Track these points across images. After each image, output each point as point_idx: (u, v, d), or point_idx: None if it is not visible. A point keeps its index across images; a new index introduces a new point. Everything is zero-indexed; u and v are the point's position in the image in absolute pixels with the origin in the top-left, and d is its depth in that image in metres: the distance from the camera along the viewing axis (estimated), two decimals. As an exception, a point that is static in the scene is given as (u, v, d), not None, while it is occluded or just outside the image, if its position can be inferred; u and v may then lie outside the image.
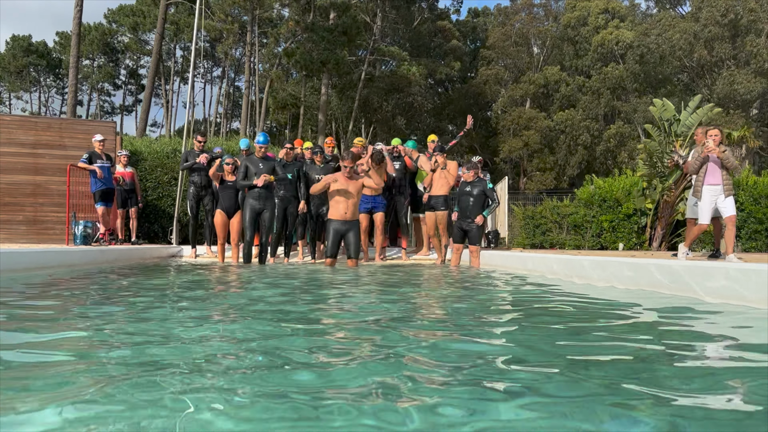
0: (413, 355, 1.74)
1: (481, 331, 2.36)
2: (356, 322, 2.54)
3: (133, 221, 10.89)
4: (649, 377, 1.54)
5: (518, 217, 14.85)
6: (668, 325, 2.54)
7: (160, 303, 3.10)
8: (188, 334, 2.13)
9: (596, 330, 2.38)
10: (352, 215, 7.04)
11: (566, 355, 1.83)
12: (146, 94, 24.33)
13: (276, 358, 1.68)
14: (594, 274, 4.41)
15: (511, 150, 33.63)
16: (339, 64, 26.01)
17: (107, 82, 49.42)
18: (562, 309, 3.06)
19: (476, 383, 1.44)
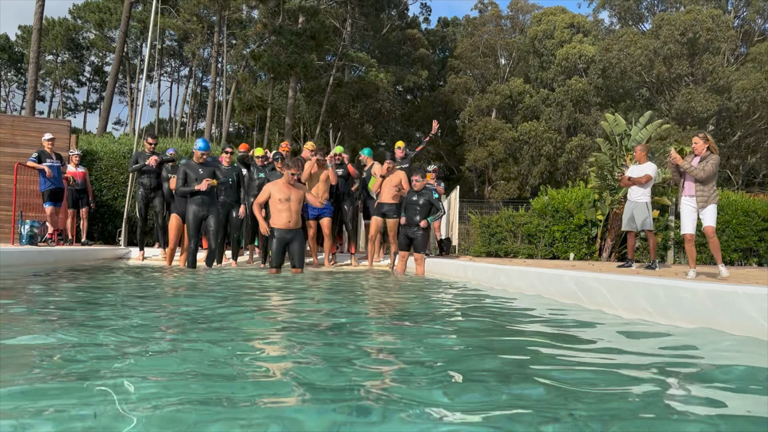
0: (346, 358, 1.83)
1: (406, 336, 2.46)
2: (292, 329, 2.62)
3: (83, 222, 10.76)
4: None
5: (475, 225, 15.09)
6: (553, 325, 2.68)
7: (76, 306, 3.13)
8: (104, 338, 2.19)
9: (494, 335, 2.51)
10: (295, 223, 6.97)
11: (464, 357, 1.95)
12: (108, 93, 23.98)
13: (195, 363, 1.74)
14: (517, 282, 4.57)
15: (476, 159, 34.06)
16: (307, 68, 26.03)
17: (71, 78, 48.49)
18: (480, 316, 3.19)
19: (400, 387, 1.53)
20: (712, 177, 6.20)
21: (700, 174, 6.12)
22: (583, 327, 2.91)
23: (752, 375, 1.87)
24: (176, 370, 1.66)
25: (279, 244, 6.87)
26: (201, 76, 46.75)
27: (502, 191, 33.83)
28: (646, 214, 7.48)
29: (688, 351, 2.32)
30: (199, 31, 34.57)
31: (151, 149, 9.42)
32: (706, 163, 6.15)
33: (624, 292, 3.28)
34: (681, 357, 2.20)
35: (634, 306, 3.19)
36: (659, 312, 3.00)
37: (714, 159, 6.17)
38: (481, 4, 40.69)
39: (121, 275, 5.82)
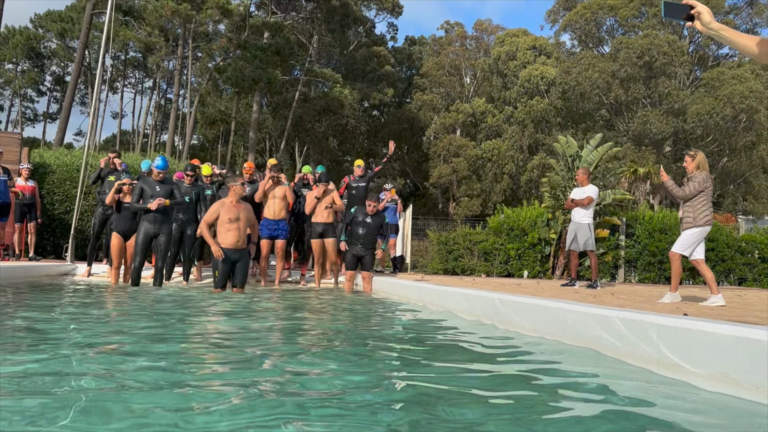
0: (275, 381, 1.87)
1: (336, 354, 2.49)
2: (230, 347, 2.63)
3: (31, 236, 10.54)
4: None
5: (433, 242, 15.23)
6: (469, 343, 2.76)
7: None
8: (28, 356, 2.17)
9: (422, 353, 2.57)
10: (243, 243, 6.90)
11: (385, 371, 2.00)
12: (66, 103, 23.60)
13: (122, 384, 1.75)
14: (440, 301, 4.67)
15: (440, 175, 34.41)
16: (271, 83, 26.04)
17: (31, 87, 47.49)
18: (408, 334, 3.25)
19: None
20: (696, 196, 5.57)
21: (679, 193, 5.65)
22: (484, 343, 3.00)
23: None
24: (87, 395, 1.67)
25: (225, 263, 6.77)
26: (165, 88, 46.30)
27: (465, 208, 34.20)
28: (588, 234, 7.69)
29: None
30: (163, 43, 34.30)
31: (112, 166, 9.30)
32: (689, 182, 5.64)
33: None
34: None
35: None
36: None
37: (700, 177, 5.58)
38: (447, 24, 41.39)
39: (56, 294, 5.73)
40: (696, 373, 2.22)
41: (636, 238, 13.27)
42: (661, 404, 1.93)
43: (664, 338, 2.37)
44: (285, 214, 8.55)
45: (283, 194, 8.50)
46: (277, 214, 8.44)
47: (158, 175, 7.31)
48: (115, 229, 7.68)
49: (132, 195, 7.28)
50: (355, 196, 9.17)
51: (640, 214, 13.55)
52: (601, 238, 12.83)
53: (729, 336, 2.09)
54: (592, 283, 7.77)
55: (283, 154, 33.00)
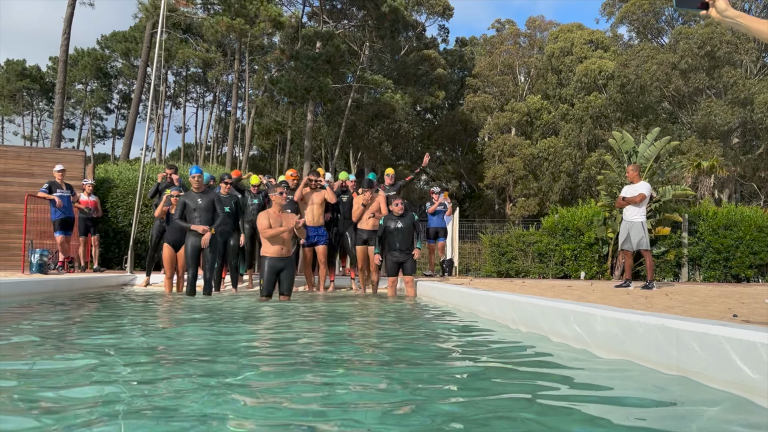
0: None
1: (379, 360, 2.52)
2: (277, 354, 2.70)
3: (95, 249, 11.04)
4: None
5: (485, 245, 15.04)
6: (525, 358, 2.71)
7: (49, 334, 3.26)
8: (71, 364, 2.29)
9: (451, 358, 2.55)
10: (287, 251, 6.96)
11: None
12: (130, 121, 24.64)
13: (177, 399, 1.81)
14: (482, 308, 4.59)
15: (495, 176, 33.99)
16: (322, 92, 26.41)
17: (100, 106, 49.87)
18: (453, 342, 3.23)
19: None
20: None
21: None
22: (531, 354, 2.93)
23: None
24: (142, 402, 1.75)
25: (271, 272, 6.85)
26: (225, 101, 47.70)
27: (522, 208, 33.65)
28: (642, 233, 7.41)
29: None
30: (221, 58, 35.36)
31: (169, 180, 9.56)
32: None
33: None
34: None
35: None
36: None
37: None
38: (498, 23, 40.90)
39: (110, 303, 5.99)
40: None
41: (699, 235, 12.69)
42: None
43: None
44: (322, 219, 8.59)
45: (321, 200, 8.53)
46: (316, 220, 8.46)
47: (194, 180, 7.44)
48: (166, 240, 7.93)
49: (176, 210, 7.46)
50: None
51: (703, 210, 12.97)
52: (661, 236, 12.35)
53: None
54: (648, 283, 7.48)
55: (338, 161, 33.38)
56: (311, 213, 8.47)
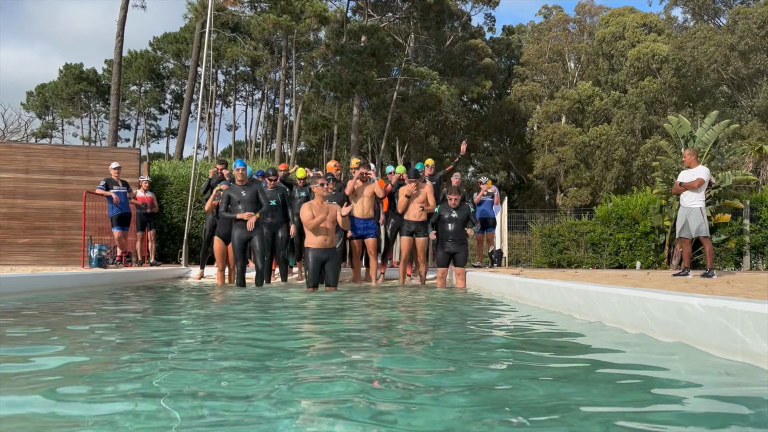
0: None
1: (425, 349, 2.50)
2: (325, 343, 2.72)
3: (152, 244, 11.37)
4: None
5: (535, 235, 14.77)
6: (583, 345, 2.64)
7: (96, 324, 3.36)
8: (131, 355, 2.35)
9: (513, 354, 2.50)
10: (331, 242, 6.99)
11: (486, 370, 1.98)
12: (182, 120, 25.25)
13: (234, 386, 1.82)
14: (535, 297, 4.48)
15: (545, 166, 33.34)
16: (367, 85, 26.44)
17: (153, 106, 51.31)
18: (505, 332, 3.17)
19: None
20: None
21: None
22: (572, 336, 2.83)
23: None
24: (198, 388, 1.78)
25: (315, 263, 6.90)
26: (273, 99, 48.36)
27: (574, 198, 32.92)
28: (701, 219, 7.12)
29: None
30: (268, 56, 35.83)
31: (220, 175, 9.75)
32: None
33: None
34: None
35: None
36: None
37: None
38: (546, 9, 40.03)
39: (164, 295, 6.14)
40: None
41: (762, 222, 12.13)
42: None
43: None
44: (372, 212, 8.52)
45: (371, 192, 8.49)
46: (365, 212, 8.41)
47: (239, 173, 7.59)
48: (217, 234, 8.12)
49: (221, 203, 7.62)
50: None
51: (766, 196, 12.38)
52: (721, 223, 11.85)
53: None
54: (707, 272, 7.18)
55: (384, 154, 33.40)
56: (360, 205, 8.43)
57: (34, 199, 12.07)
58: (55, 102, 47.31)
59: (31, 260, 11.78)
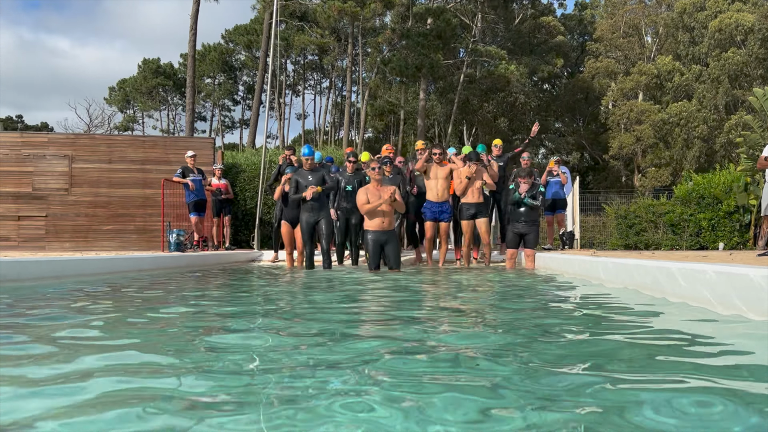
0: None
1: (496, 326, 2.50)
2: (384, 321, 2.77)
3: (227, 229, 11.77)
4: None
5: (610, 216, 14.26)
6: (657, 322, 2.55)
7: (180, 300, 3.52)
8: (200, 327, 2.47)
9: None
10: (389, 224, 6.98)
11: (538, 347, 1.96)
12: (253, 110, 25.90)
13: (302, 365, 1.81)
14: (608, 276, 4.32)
15: (621, 146, 32.07)
16: (433, 68, 26.20)
17: (227, 98, 52.87)
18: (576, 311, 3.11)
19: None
20: None
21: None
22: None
23: None
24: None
25: (374, 245, 6.94)
26: (341, 86, 48.80)
27: (653, 179, 31.53)
28: (789, 196, 6.65)
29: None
30: (335, 44, 36.11)
31: (289, 162, 10.01)
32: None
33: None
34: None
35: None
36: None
37: None
38: (621, -19, 38.22)
39: (238, 277, 6.35)
40: None
41: None
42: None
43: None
44: (447, 195, 8.43)
45: (446, 174, 8.38)
46: (440, 195, 8.31)
47: (307, 163, 7.73)
48: (285, 218, 8.35)
49: (289, 188, 7.79)
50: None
51: None
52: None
53: None
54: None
55: (451, 138, 33.09)
56: (435, 188, 8.34)
57: (116, 187, 12.74)
58: (135, 96, 49.55)
59: (116, 246, 12.46)
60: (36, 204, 12.53)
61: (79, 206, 12.66)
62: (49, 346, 2.02)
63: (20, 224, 12.47)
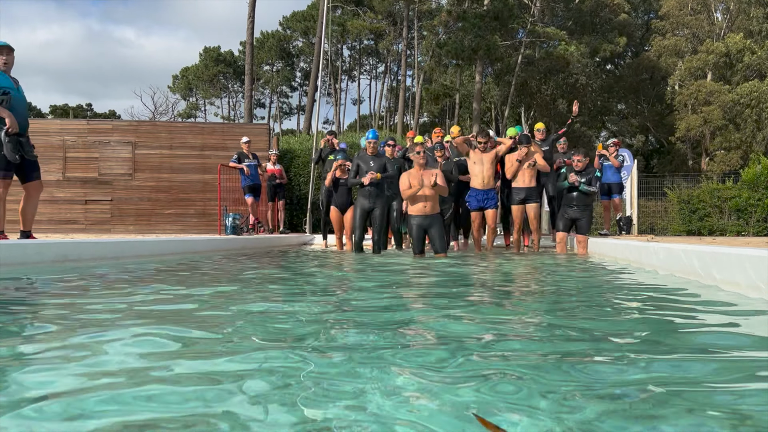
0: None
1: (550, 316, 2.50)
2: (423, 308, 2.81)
3: (281, 213, 12.01)
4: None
5: (673, 201, 13.75)
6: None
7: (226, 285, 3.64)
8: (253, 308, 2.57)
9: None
10: (432, 208, 6.83)
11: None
12: (309, 96, 26.17)
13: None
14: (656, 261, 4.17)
15: (689, 128, 30.73)
16: (490, 50, 25.74)
17: (285, 85, 53.64)
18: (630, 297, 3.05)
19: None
20: None
21: None
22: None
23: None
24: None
25: (418, 230, 6.84)
26: (396, 71, 48.67)
27: (722, 163, 30.12)
28: None
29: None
30: (390, 28, 35.99)
31: (331, 146, 10.12)
32: None
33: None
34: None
35: None
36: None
37: None
38: (690, -45, 36.38)
39: (286, 259, 6.49)
40: None
41: None
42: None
43: None
44: (492, 181, 8.16)
45: (492, 158, 8.12)
46: (486, 182, 8.06)
47: (370, 147, 7.69)
48: (334, 203, 8.44)
49: (350, 171, 7.81)
50: None
51: None
52: None
53: None
54: None
55: (508, 122, 32.51)
56: (480, 174, 8.07)
57: (177, 173, 13.19)
58: (197, 84, 50.91)
59: (177, 229, 12.93)
60: (102, 189, 13.13)
61: (142, 191, 13.19)
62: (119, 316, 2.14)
63: (87, 208, 13.10)
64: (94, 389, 1.27)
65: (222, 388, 1.28)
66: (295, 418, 1.11)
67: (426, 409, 1.16)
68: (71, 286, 3.40)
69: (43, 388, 1.28)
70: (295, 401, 1.21)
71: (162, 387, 1.28)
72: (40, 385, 1.30)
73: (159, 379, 1.35)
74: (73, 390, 1.26)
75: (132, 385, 1.30)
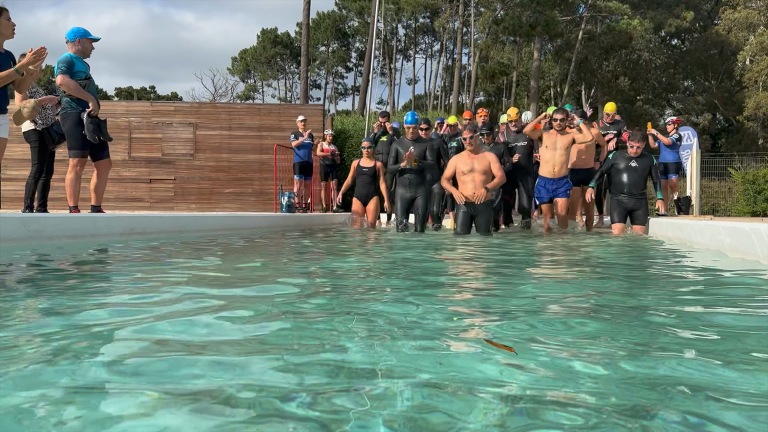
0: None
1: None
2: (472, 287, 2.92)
3: (334, 192, 12.24)
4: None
5: (737, 182, 13.23)
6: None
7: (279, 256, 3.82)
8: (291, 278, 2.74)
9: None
10: (480, 196, 6.39)
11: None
12: (364, 76, 26.27)
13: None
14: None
15: (758, 106, 29.26)
16: (549, 26, 25.17)
17: (340, 65, 53.91)
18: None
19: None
20: None
21: None
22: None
23: None
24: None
25: (464, 216, 6.51)
26: (452, 49, 48.09)
27: (795, 142, 28.61)
28: None
29: None
30: (446, 5, 35.54)
31: (383, 127, 10.24)
32: None
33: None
34: None
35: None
36: None
37: None
38: None
39: (335, 234, 6.66)
40: None
41: None
42: None
43: None
44: (565, 169, 7.34)
45: (568, 143, 7.23)
46: (557, 171, 7.29)
47: (409, 132, 7.08)
48: (355, 194, 8.37)
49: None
50: None
51: None
52: None
53: None
54: None
55: (567, 100, 31.75)
56: (552, 161, 7.28)
57: (236, 153, 13.61)
58: (255, 66, 51.78)
59: (236, 207, 13.37)
60: (165, 168, 13.69)
61: (203, 170, 13.68)
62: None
63: (152, 186, 13.70)
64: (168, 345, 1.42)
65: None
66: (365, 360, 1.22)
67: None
68: (156, 254, 3.65)
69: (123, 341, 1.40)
70: (372, 344, 1.33)
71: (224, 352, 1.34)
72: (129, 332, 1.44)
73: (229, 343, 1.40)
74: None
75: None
